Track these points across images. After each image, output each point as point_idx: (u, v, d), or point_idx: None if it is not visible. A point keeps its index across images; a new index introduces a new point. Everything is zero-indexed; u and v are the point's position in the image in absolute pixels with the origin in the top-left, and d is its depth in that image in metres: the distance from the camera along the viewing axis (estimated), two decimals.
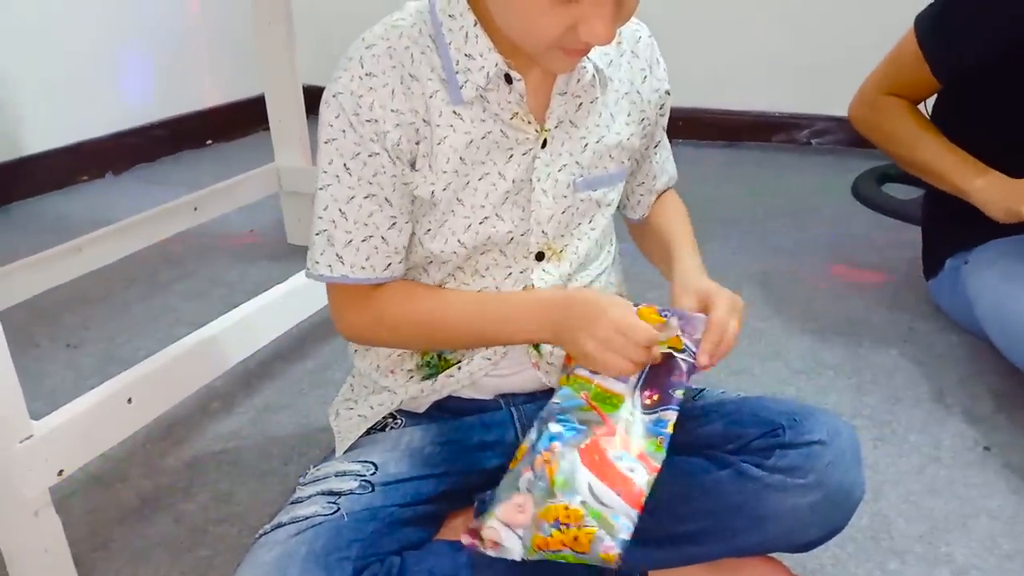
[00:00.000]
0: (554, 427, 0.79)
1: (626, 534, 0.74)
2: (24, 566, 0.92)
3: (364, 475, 0.84)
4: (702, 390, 0.93)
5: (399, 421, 0.91)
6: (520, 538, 0.76)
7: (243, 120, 2.81)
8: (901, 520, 1.07)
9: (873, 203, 2.06)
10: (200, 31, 2.76)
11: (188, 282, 1.79)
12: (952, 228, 1.45)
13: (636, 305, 0.82)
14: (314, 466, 0.88)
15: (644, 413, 0.79)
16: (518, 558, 0.76)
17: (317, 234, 0.82)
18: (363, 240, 0.81)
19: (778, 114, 2.69)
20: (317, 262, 0.83)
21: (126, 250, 1.71)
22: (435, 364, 0.89)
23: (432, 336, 0.87)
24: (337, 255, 0.81)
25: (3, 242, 1.94)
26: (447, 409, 0.91)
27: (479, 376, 0.88)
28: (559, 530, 0.74)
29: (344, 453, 0.90)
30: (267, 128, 1.88)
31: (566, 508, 0.74)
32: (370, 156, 0.78)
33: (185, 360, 1.11)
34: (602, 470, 0.76)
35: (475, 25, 0.77)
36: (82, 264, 1.63)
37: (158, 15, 2.61)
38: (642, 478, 0.76)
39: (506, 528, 0.77)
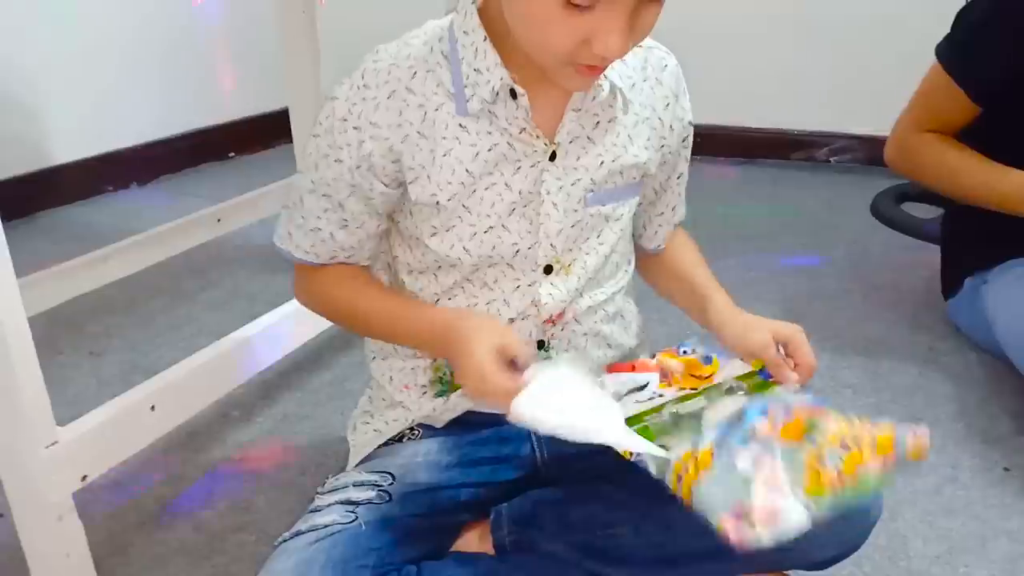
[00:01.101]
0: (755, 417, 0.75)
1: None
2: (46, 570, 0.93)
3: (382, 485, 0.85)
4: None
5: (416, 432, 0.92)
6: (797, 498, 0.68)
7: (265, 133, 2.84)
8: (919, 540, 1.06)
9: (892, 222, 2.06)
10: (224, 44, 2.80)
11: (211, 292, 1.81)
12: (972, 247, 1.44)
13: (684, 349, 0.84)
14: (332, 475, 0.89)
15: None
16: (804, 524, 0.67)
17: (284, 206, 0.89)
18: (311, 230, 0.86)
19: (797, 131, 2.68)
20: (277, 231, 0.90)
21: (150, 260, 1.73)
22: (447, 381, 0.89)
23: (356, 328, 0.93)
24: (289, 232, 0.88)
25: (29, 250, 1.97)
26: (464, 421, 0.91)
27: None
28: (849, 452, 0.72)
29: (362, 463, 0.90)
30: (289, 141, 1.89)
31: (850, 424, 0.75)
32: (335, 161, 0.82)
33: (207, 369, 1.13)
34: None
35: (484, 40, 0.78)
36: (106, 273, 1.65)
37: (183, 28, 2.65)
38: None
39: (775, 491, 0.68)
